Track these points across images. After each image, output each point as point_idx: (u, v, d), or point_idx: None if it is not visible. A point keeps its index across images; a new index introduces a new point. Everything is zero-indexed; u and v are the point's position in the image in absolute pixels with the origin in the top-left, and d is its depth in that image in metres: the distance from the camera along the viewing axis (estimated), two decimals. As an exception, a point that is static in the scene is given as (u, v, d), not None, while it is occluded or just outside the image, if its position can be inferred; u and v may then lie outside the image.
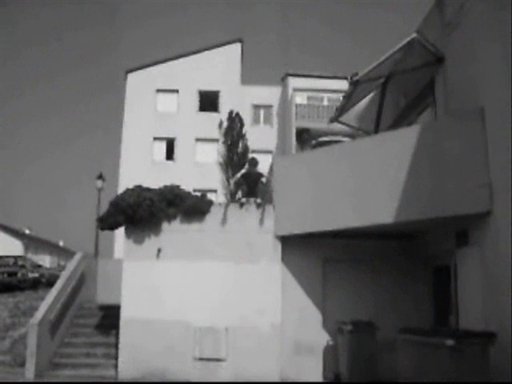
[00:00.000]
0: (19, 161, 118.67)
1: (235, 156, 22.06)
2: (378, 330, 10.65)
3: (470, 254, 9.34)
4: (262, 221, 11.57)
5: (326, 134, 21.13)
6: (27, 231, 53.91)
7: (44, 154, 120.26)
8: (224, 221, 11.64)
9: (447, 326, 10.35)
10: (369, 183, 10.08)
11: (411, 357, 8.11)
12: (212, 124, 30.74)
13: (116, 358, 11.47)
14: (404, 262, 11.81)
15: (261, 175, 10.58)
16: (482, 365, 7.37)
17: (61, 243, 63.43)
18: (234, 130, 24.06)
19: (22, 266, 22.58)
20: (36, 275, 22.54)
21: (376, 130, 13.50)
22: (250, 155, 21.65)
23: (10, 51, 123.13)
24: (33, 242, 50.07)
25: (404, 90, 12.99)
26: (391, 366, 9.27)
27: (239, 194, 19.45)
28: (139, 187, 11.68)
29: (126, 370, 11.05)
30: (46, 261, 39.80)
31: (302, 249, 11.59)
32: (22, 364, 11.31)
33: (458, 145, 9.18)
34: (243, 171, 10.63)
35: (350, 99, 13.22)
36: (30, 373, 10.88)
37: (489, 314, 8.61)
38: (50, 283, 18.73)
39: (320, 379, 11.28)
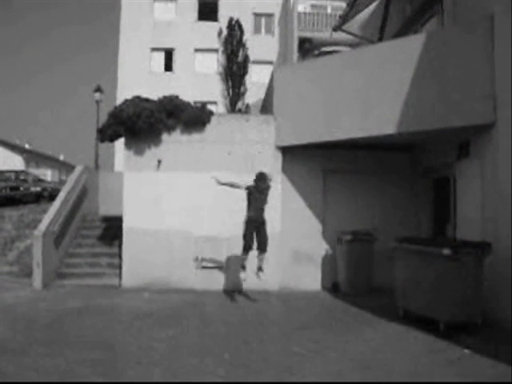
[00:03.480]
0: (17, 76, 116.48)
1: (235, 65, 21.45)
2: (377, 239, 10.84)
3: (470, 167, 9.32)
4: (262, 132, 11.45)
5: (328, 43, 20.57)
6: (27, 146, 53.78)
7: (42, 69, 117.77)
8: (224, 131, 11.53)
9: (444, 236, 10.53)
10: (372, 93, 9.87)
11: (408, 265, 8.30)
12: (211, 34, 29.78)
13: (119, 268, 11.75)
14: (404, 174, 11.84)
15: (269, 187, 9.94)
16: (476, 273, 7.57)
17: (61, 157, 63.46)
18: (233, 39, 23.25)
19: (24, 181, 22.66)
20: (38, 189, 22.65)
21: (380, 39, 13.08)
22: (251, 65, 20.99)
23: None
24: (33, 157, 50.05)
25: (410, -4, 12.46)
26: (389, 276, 9.47)
27: (239, 105, 19.13)
28: (138, 98, 11.43)
29: (129, 279, 11.34)
30: (47, 175, 39.91)
31: (303, 160, 11.57)
32: (29, 274, 11.58)
33: (463, 54, 8.90)
34: (252, 185, 9.69)
35: (353, 7, 12.73)
36: (37, 283, 11.17)
37: (485, 224, 8.71)
38: (52, 197, 18.85)
39: (319, 288, 11.60)
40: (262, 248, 9.60)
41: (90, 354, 6.43)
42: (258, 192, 9.52)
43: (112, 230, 13.42)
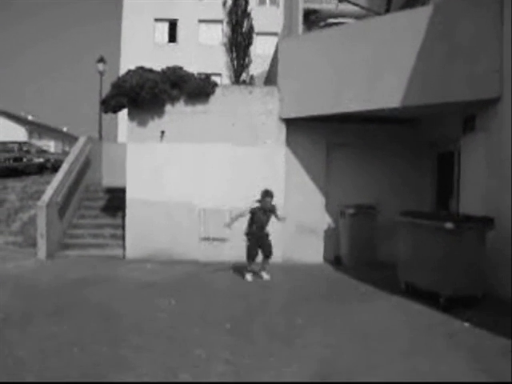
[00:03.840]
0: (21, 47, 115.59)
1: (240, 36, 21.16)
2: (379, 213, 10.85)
3: (475, 140, 9.26)
4: (266, 103, 11.38)
5: (335, 15, 20.25)
6: (30, 117, 53.56)
7: (46, 40, 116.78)
8: (228, 103, 11.46)
9: (447, 210, 10.52)
10: (378, 66, 9.75)
11: (410, 239, 8.30)
12: (216, 4, 29.38)
13: (123, 239, 11.82)
14: (408, 148, 11.79)
15: (275, 209, 9.60)
16: (478, 248, 7.58)
17: (65, 129, 63.24)
18: (238, 9, 22.82)
19: (27, 152, 22.62)
20: (41, 160, 22.61)
21: (387, 11, 12.90)
22: (255, 36, 20.72)
23: None
24: (36, 128, 49.86)
25: (419, -35, 12.21)
26: (391, 250, 9.51)
27: (243, 77, 18.87)
28: (141, 68, 11.33)
29: (132, 250, 11.42)
30: (50, 146, 39.76)
31: (307, 132, 11.52)
32: (33, 244, 11.68)
33: (471, 28, 8.76)
34: (258, 205, 9.41)
35: (361, -23, 12.50)
36: (41, 253, 11.27)
37: (489, 199, 8.69)
38: (56, 168, 18.85)
39: (321, 261, 11.66)
40: (268, 255, 9.65)
41: (93, 323, 6.51)
42: (262, 213, 9.41)
43: (115, 201, 13.44)
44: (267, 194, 9.44)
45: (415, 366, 5.22)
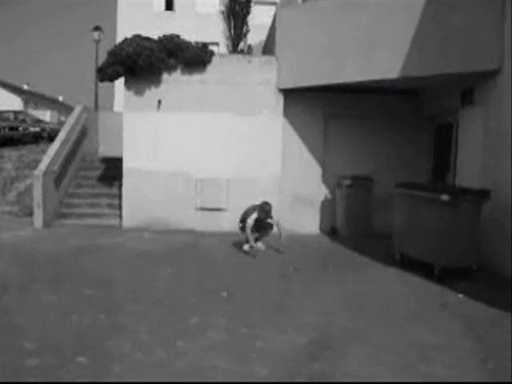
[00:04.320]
0: (17, 17, 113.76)
1: (237, 5, 20.86)
2: (376, 184, 10.87)
3: (474, 113, 9.22)
4: (264, 73, 11.28)
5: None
6: (26, 87, 53.02)
7: (42, 10, 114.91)
8: (226, 72, 11.35)
9: (444, 182, 10.54)
10: (376, 36, 9.63)
11: (406, 210, 8.33)
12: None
13: (119, 208, 11.83)
14: (406, 119, 11.75)
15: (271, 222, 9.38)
16: (474, 220, 7.61)
17: (60, 99, 62.70)
18: (236, -24, 22.47)
19: (23, 121, 22.46)
20: (37, 129, 22.46)
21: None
22: (253, 5, 20.45)
23: None
24: (32, 98, 49.44)
25: None
26: (387, 221, 9.54)
27: (241, 46, 18.65)
28: (138, 37, 11.16)
29: (129, 219, 11.43)
30: (46, 116, 39.44)
31: (305, 103, 11.46)
32: (30, 214, 11.68)
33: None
34: (255, 216, 9.10)
35: None
36: (38, 222, 11.27)
37: (486, 171, 8.69)
38: (52, 138, 18.73)
39: (317, 231, 11.71)
40: (268, 232, 9.51)
41: (91, 291, 6.54)
42: (259, 222, 9.24)
43: (112, 170, 13.40)
44: (265, 205, 9.16)
45: (411, 335, 5.30)
